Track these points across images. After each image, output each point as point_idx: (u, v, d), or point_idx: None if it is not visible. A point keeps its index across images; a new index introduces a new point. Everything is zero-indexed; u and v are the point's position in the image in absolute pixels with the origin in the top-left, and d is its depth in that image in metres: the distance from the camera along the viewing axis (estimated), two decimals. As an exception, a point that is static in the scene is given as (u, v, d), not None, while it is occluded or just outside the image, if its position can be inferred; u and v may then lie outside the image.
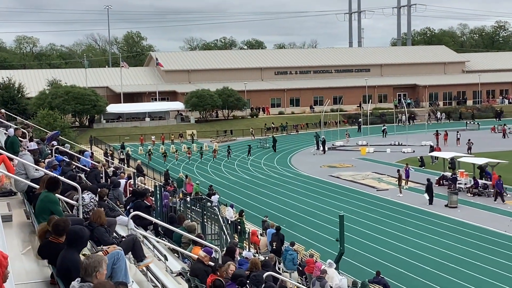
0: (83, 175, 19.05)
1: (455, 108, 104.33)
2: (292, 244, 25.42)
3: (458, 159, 49.03)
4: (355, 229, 34.93)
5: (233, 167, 60.60)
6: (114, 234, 12.06)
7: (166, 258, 13.39)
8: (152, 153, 61.08)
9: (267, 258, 19.28)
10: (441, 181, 46.85)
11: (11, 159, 14.59)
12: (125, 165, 51.47)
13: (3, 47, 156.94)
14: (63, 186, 11.87)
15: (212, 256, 13.31)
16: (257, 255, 23.22)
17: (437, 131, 72.51)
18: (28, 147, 18.39)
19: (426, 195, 41.32)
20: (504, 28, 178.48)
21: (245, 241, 29.98)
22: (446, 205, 40.18)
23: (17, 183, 13.56)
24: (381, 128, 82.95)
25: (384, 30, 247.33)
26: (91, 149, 61.52)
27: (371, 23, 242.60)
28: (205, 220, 27.41)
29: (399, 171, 45.81)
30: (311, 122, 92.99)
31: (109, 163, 38.25)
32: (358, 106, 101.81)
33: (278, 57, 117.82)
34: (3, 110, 29.94)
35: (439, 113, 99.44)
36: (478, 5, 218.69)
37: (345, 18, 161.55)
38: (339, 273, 22.97)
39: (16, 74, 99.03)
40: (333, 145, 72.99)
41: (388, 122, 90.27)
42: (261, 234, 30.45)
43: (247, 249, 26.55)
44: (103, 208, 12.32)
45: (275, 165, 61.50)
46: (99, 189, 14.49)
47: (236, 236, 29.41)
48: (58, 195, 11.28)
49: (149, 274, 11.33)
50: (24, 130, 22.42)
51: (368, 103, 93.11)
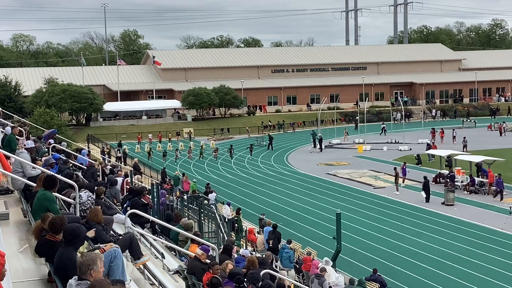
0: (80, 173, 19.06)
1: (452, 106, 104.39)
2: (289, 242, 25.44)
3: (455, 157, 49.14)
4: (352, 227, 34.99)
5: (230, 165, 60.59)
6: (111, 232, 12.07)
7: (163, 256, 13.40)
8: (152, 152, 60.96)
9: (264, 256, 19.29)
10: (438, 179, 46.94)
11: (8, 157, 14.58)
12: (122, 163, 51.44)
13: (0, 45, 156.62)
14: (60, 184, 11.87)
15: (209, 254, 13.32)
16: (254, 253, 23.22)
17: (434, 129, 72.60)
18: (25, 145, 18.39)
19: (423, 193, 41.41)
20: (501, 26, 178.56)
21: (242, 239, 30.00)
22: (443, 203, 40.24)
23: (14, 181, 13.56)
24: (381, 126, 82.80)
25: (381, 28, 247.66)
26: (88, 147, 61.51)
27: (368, 21, 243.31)
28: (202, 218, 27.43)
29: (396, 169, 45.90)
30: (308, 120, 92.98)
31: (106, 161, 38.21)
32: (355, 104, 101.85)
33: (275, 55, 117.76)
34: (0, 108, 29.91)
35: (434, 111, 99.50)
36: (475, 3, 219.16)
37: (342, 16, 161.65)
38: (336, 271, 23.00)
39: (13, 72, 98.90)
40: (330, 143, 73.02)
41: (385, 120, 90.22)
42: (258, 232, 30.47)
43: (244, 247, 26.57)
44: (100, 206, 12.34)
45: (272, 163, 61.52)
46: (96, 187, 14.50)
47: (233, 234, 29.44)
48: (55, 193, 11.29)
49: (146, 272, 11.34)
50: (21, 128, 22.39)
51: (365, 101, 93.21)
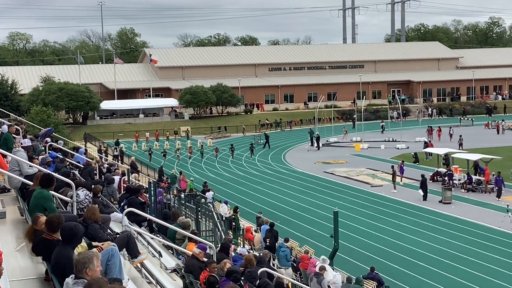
0: (77, 172, 19.01)
1: (449, 104, 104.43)
2: (286, 240, 25.42)
3: (452, 155, 49.18)
4: (350, 225, 35.00)
5: (228, 164, 60.56)
6: (109, 231, 12.04)
7: (161, 255, 13.37)
8: (152, 152, 60.72)
9: (262, 255, 19.27)
10: (435, 177, 46.96)
11: (5, 156, 14.54)
12: (119, 162, 51.37)
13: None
14: (57, 183, 11.84)
15: (207, 252, 13.29)
16: (252, 252, 23.21)
17: (431, 127, 72.66)
18: (22, 144, 18.35)
19: (421, 191, 41.42)
20: (498, 24, 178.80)
21: (240, 238, 29.99)
22: (440, 201, 40.26)
23: (11, 180, 13.52)
24: (380, 124, 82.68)
25: (378, 26, 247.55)
26: (86, 146, 61.40)
27: (365, 19, 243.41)
28: (200, 217, 27.38)
29: (393, 167, 45.90)
30: (305, 118, 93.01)
31: (103, 160, 38.15)
32: (352, 102, 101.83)
33: (272, 54, 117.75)
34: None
35: (431, 109, 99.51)
36: (472, 1, 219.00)
37: (339, 14, 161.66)
38: (333, 269, 23.00)
39: (9, 71, 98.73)
40: (327, 142, 73.01)
41: (382, 118, 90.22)
42: (256, 231, 30.47)
43: (242, 246, 26.55)
44: (97, 205, 12.30)
45: (269, 162, 61.50)
46: (93, 186, 14.46)
47: (231, 233, 29.42)
48: (52, 192, 11.26)
49: (144, 271, 11.31)
50: (18, 127, 22.34)
51: (362, 99, 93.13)
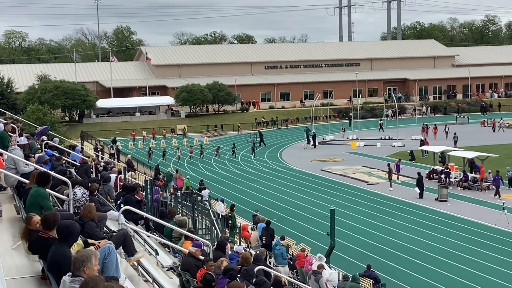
0: (73, 170, 18.98)
1: (443, 102, 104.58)
2: (283, 238, 25.43)
3: (448, 153, 49.24)
4: (346, 223, 35.03)
5: (223, 162, 60.55)
6: (105, 229, 12.04)
7: (157, 253, 13.36)
8: (152, 152, 60.56)
9: (258, 253, 19.28)
10: (431, 175, 47.02)
11: (1, 154, 14.52)
12: (116, 160, 51.34)
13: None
14: (53, 181, 11.82)
15: (203, 249, 13.29)
16: (248, 250, 23.21)
17: (426, 125, 72.79)
18: (18, 142, 18.32)
19: (417, 189, 41.48)
20: (494, 22, 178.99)
21: (236, 236, 29.99)
22: (436, 199, 40.31)
23: (7, 178, 13.49)
24: (378, 122, 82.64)
25: (374, 25, 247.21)
26: (82, 144, 61.33)
27: (361, 18, 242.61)
28: (196, 215, 27.40)
29: (390, 165, 45.93)
30: (302, 117, 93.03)
31: (99, 158, 38.13)
32: (349, 100, 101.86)
33: (269, 52, 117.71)
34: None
35: (425, 107, 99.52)
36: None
37: (335, 13, 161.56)
38: (330, 267, 23.01)
39: (5, 69, 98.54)
40: (324, 139, 73.03)
41: (379, 116, 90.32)
42: (252, 229, 30.47)
43: (238, 244, 26.55)
44: (94, 203, 12.29)
45: (266, 160, 61.52)
46: (90, 184, 14.45)
47: (227, 231, 29.43)
48: (49, 190, 11.24)
49: (140, 269, 11.31)
50: (14, 125, 22.30)
51: (358, 97, 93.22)
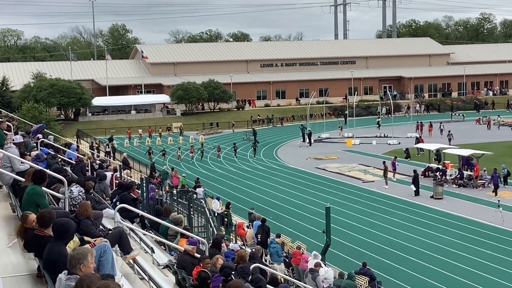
0: (69, 168, 18.96)
1: (437, 100, 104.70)
2: (278, 236, 25.44)
3: (444, 151, 49.32)
4: (342, 221, 35.07)
5: (219, 160, 60.53)
6: (101, 227, 12.03)
7: (153, 251, 13.37)
8: (152, 152, 60.34)
9: (254, 250, 19.30)
10: (427, 173, 47.09)
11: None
12: (111, 158, 51.30)
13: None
14: (49, 179, 11.81)
15: (199, 248, 13.30)
16: (244, 247, 23.24)
17: (421, 123, 72.92)
18: (14, 140, 18.29)
19: (413, 187, 41.54)
20: (489, 20, 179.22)
21: (232, 234, 30.02)
22: (432, 197, 40.38)
23: (3, 176, 13.48)
24: (375, 120, 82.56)
25: (370, 22, 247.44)
26: (79, 143, 61.26)
27: (357, 15, 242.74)
28: (192, 213, 27.40)
29: (385, 163, 45.98)
30: (297, 115, 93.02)
31: (95, 156, 38.09)
32: (344, 98, 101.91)
33: (264, 50, 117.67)
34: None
35: (418, 105, 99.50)
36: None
37: (331, 11, 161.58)
38: (326, 265, 23.04)
39: (0, 67, 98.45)
40: (319, 137, 73.08)
41: (374, 114, 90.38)
42: (248, 227, 30.50)
43: (234, 241, 26.58)
44: (90, 201, 12.29)
45: (261, 157, 61.53)
46: (85, 182, 14.44)
47: (223, 229, 29.45)
48: (45, 188, 11.24)
49: (136, 267, 11.31)
50: (9, 123, 22.26)
51: (354, 95, 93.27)
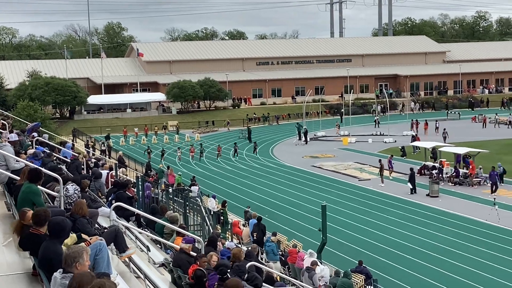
0: (64, 167, 18.91)
1: (432, 98, 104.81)
2: (274, 234, 25.44)
3: (439, 149, 49.37)
4: (338, 219, 35.07)
5: (215, 158, 60.46)
6: (96, 226, 12.00)
7: (149, 249, 13.33)
8: (151, 152, 60.14)
9: (250, 249, 19.29)
10: (423, 171, 47.13)
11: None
12: (107, 157, 51.23)
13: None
14: (44, 178, 11.77)
15: (195, 246, 13.27)
16: (240, 246, 23.23)
17: (417, 121, 73.01)
18: (9, 139, 18.24)
19: (410, 185, 41.55)
20: (485, 18, 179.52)
21: (228, 232, 30.02)
22: (428, 195, 40.40)
23: (-3, 175, 13.43)
24: (373, 118, 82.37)
25: (365, 21, 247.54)
26: (75, 141, 61.14)
27: (353, 14, 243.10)
28: (188, 211, 27.38)
29: (381, 161, 46.00)
30: (293, 113, 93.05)
31: (90, 155, 38.04)
32: (340, 97, 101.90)
33: (260, 48, 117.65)
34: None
35: (413, 103, 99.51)
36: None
37: (327, 9, 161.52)
38: (322, 263, 23.05)
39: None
40: (315, 136, 73.09)
41: (369, 112, 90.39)
42: (244, 225, 30.50)
43: (230, 240, 26.57)
44: (85, 200, 12.25)
45: (257, 156, 61.50)
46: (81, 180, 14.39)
47: (219, 227, 29.44)
48: (40, 187, 11.20)
49: (132, 265, 11.28)
50: (4, 122, 22.22)
51: (350, 94, 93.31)
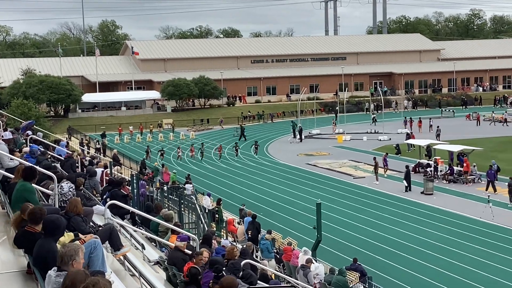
0: (58, 165, 18.87)
1: (430, 96, 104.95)
2: (269, 232, 25.45)
3: (434, 146, 49.45)
4: (332, 217, 35.11)
5: (210, 156, 60.43)
6: (91, 224, 11.98)
7: (144, 247, 13.33)
8: (150, 151, 59.91)
9: (245, 246, 19.30)
10: (417, 168, 47.20)
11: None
12: (101, 155, 51.16)
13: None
14: (39, 176, 11.75)
15: (188, 243, 13.27)
16: (235, 244, 23.23)
17: (411, 118, 73.16)
18: (3, 137, 18.21)
19: (405, 182, 41.62)
20: (479, 16, 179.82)
21: (223, 230, 30.01)
22: (422, 192, 40.49)
23: (-8, 173, 13.40)
24: (371, 116, 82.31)
25: (360, 18, 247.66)
26: (70, 139, 60.98)
27: (347, 11, 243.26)
28: (183, 209, 27.36)
29: (375, 159, 46.06)
30: (288, 111, 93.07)
31: (85, 153, 37.97)
32: (335, 94, 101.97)
33: (254, 46, 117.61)
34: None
35: (406, 101, 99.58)
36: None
37: (321, 7, 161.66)
38: (316, 261, 23.06)
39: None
40: (310, 134, 73.12)
41: (363, 110, 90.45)
42: (238, 223, 30.50)
43: (225, 238, 26.57)
44: (80, 198, 12.23)
45: (252, 154, 61.49)
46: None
47: (214, 225, 29.42)
48: (34, 185, 11.18)
49: (127, 263, 11.27)
50: (-2, 120, 22.17)
51: (345, 91, 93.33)
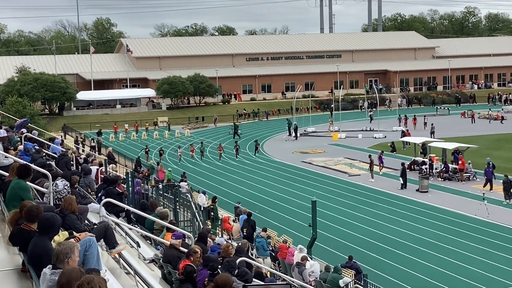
0: (53, 163, 18.83)
1: (425, 94, 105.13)
2: (264, 230, 25.45)
3: (429, 144, 49.53)
4: (328, 215, 35.13)
5: (206, 154, 60.38)
6: (86, 222, 11.96)
7: (139, 245, 13.31)
8: (149, 151, 59.65)
9: (240, 244, 19.30)
10: (412, 166, 47.26)
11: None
12: (96, 153, 51.06)
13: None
14: (34, 174, 11.72)
15: (183, 240, 13.25)
16: (230, 241, 23.23)
17: (405, 116, 73.30)
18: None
19: (401, 180, 41.66)
20: (474, 14, 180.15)
21: (218, 228, 30.01)
22: (417, 190, 40.54)
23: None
24: (368, 114, 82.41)
25: (355, 16, 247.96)
26: (65, 137, 60.91)
27: (342, 9, 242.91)
28: (178, 207, 27.35)
29: (371, 156, 46.09)
30: (283, 108, 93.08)
31: (80, 151, 37.89)
32: (330, 92, 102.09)
33: (250, 43, 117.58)
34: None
35: (400, 99, 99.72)
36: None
37: (316, 4, 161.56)
38: (312, 258, 23.07)
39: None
40: (305, 131, 73.16)
41: (356, 108, 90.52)
42: (234, 221, 30.49)
43: (220, 236, 26.56)
44: (75, 196, 12.21)
45: (247, 151, 61.48)
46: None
47: (209, 223, 29.42)
48: (29, 183, 11.15)
49: (122, 261, 11.26)
50: (-7, 118, 22.11)
51: (340, 89, 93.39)
